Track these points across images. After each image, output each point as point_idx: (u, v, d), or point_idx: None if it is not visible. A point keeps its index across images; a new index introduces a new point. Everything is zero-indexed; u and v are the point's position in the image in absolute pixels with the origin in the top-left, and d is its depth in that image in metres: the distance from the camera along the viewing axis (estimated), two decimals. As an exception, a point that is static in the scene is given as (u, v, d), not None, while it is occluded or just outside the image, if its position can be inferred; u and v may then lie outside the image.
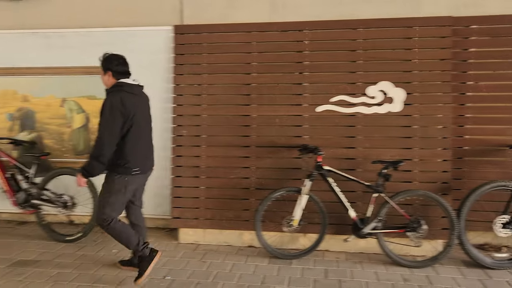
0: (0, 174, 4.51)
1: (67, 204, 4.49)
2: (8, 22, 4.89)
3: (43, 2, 4.82)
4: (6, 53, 4.86)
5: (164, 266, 3.89)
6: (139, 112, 3.41)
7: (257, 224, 4.06)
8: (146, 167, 3.54)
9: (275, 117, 4.38)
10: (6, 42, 4.86)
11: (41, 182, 4.53)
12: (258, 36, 4.43)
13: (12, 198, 4.51)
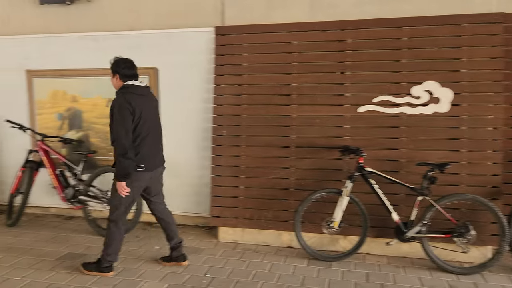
0: (51, 170, 4.71)
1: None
2: (60, 26, 5.12)
3: (91, 7, 5.01)
4: (57, 56, 5.08)
5: (204, 264, 3.94)
6: (144, 111, 3.54)
7: (296, 225, 4.04)
8: (152, 164, 3.63)
9: (315, 117, 4.34)
10: (58, 45, 5.08)
11: (88, 179, 4.71)
12: (299, 36, 4.41)
13: (61, 193, 4.71)
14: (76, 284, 3.53)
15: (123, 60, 3.64)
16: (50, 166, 4.73)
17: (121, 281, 3.60)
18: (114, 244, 3.67)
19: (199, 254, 4.17)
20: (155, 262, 3.97)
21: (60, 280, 3.61)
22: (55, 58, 5.10)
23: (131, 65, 3.65)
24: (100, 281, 3.59)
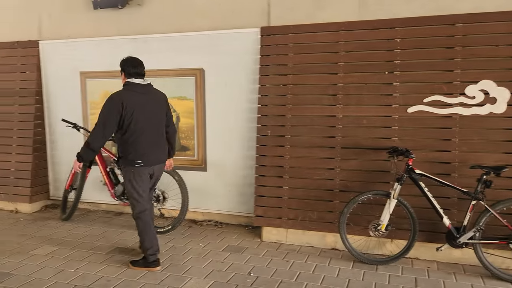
0: (102, 168, 4.90)
1: (159, 198, 4.75)
2: (111, 29, 5.32)
3: (141, 10, 5.18)
4: (109, 58, 5.28)
5: (248, 263, 3.97)
6: (139, 110, 3.65)
7: (342, 226, 3.98)
8: (148, 160, 3.73)
9: (362, 118, 4.26)
10: (109, 48, 5.29)
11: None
12: (346, 35, 4.35)
13: (111, 190, 4.89)
14: (125, 278, 3.66)
15: (130, 59, 3.82)
16: (101, 163, 4.92)
17: (168, 277, 3.68)
18: (147, 238, 3.80)
19: (243, 253, 4.20)
20: (200, 260, 4.04)
21: (110, 273, 3.75)
22: (106, 60, 5.31)
23: (136, 64, 3.79)
24: (148, 276, 3.69)
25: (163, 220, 5.05)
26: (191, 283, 3.57)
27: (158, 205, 4.76)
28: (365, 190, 4.07)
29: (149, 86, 3.83)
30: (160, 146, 3.85)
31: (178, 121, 5.11)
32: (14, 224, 5.11)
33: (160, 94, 3.94)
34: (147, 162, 3.72)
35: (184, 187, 4.62)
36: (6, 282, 3.59)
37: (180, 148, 5.13)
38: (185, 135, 5.10)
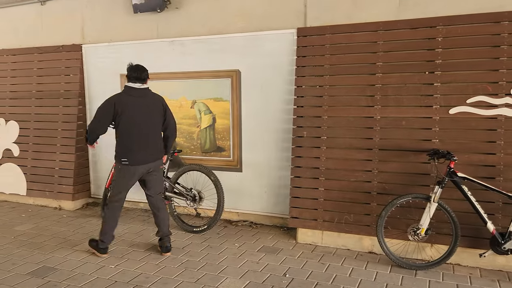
0: None
1: (195, 198, 4.82)
2: (151, 33, 5.46)
3: (180, 13, 5.28)
4: (148, 60, 5.40)
5: (284, 264, 3.96)
6: (131, 111, 3.97)
7: (379, 230, 3.90)
8: (134, 160, 3.99)
9: (401, 119, 4.16)
10: (148, 51, 5.43)
11: (174, 177, 4.95)
12: (384, 35, 4.27)
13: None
14: (163, 275, 3.73)
15: (133, 65, 4.14)
16: None
17: (204, 275, 3.73)
18: (106, 227, 4.12)
19: (278, 254, 4.19)
20: (235, 259, 4.07)
21: (149, 270, 3.84)
22: (146, 62, 5.39)
23: (135, 69, 4.08)
24: (185, 274, 3.76)
25: (199, 220, 5.12)
26: (226, 282, 3.60)
27: (194, 205, 4.83)
28: (404, 193, 3.98)
29: (145, 90, 4.12)
30: (149, 147, 4.06)
31: (214, 122, 5.18)
32: (58, 221, 5.32)
33: (156, 97, 4.19)
34: (132, 161, 3.98)
35: (220, 187, 4.67)
36: (51, 276, 3.74)
37: (215, 149, 5.19)
38: (220, 136, 5.16)
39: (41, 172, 5.91)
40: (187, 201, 4.86)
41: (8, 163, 6.16)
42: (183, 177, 5.00)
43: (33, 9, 6.21)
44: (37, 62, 6.11)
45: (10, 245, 4.49)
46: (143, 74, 4.11)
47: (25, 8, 6.25)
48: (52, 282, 3.62)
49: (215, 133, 5.18)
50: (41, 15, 6.17)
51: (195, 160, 5.25)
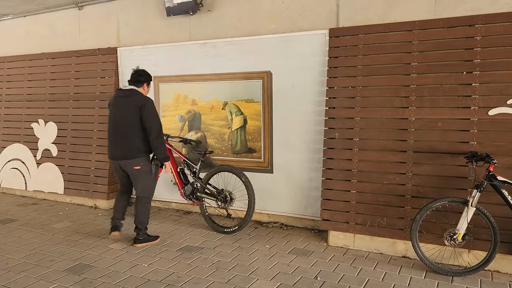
0: (173, 168, 5.11)
1: (226, 199, 4.85)
2: (183, 35, 5.55)
3: (212, 16, 5.34)
4: (181, 63, 5.51)
5: (315, 267, 3.92)
6: (114, 110, 4.40)
7: (413, 234, 3.80)
8: (112, 155, 4.44)
9: (437, 120, 4.05)
10: (181, 53, 5.52)
11: (205, 177, 5.00)
12: (420, 35, 4.17)
13: (181, 190, 5.09)
14: (195, 275, 3.77)
15: (135, 69, 4.54)
16: (172, 164, 5.14)
17: (235, 276, 3.75)
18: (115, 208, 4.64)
19: (309, 257, 4.16)
20: (266, 261, 4.07)
21: (180, 270, 3.89)
22: (178, 64, 5.54)
23: (134, 72, 4.50)
24: (216, 274, 3.78)
25: (229, 221, 5.15)
26: (257, 283, 3.60)
27: (225, 206, 4.87)
28: (439, 196, 3.88)
29: (130, 90, 4.38)
30: (120, 145, 4.35)
31: (245, 123, 5.20)
32: (93, 219, 5.48)
33: (134, 98, 4.33)
34: (110, 156, 4.47)
35: (251, 188, 4.68)
36: (87, 273, 3.85)
37: (246, 150, 5.21)
38: (251, 137, 5.17)
39: (78, 172, 6.11)
40: (218, 202, 4.90)
41: (47, 162, 6.40)
42: (214, 178, 5.04)
43: (71, 13, 6.43)
44: (75, 65, 6.32)
45: (48, 242, 4.65)
46: (138, 77, 4.42)
47: (64, 13, 6.49)
48: (88, 279, 3.72)
49: (246, 135, 5.20)
50: (78, 19, 6.38)
51: (226, 161, 5.28)
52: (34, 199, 6.55)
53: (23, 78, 6.81)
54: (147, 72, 4.53)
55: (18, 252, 4.35)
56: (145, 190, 4.45)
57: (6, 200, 6.49)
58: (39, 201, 6.40)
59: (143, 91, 4.42)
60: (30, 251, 4.38)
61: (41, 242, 4.63)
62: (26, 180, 6.59)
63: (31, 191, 6.61)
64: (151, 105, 4.31)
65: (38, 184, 6.48)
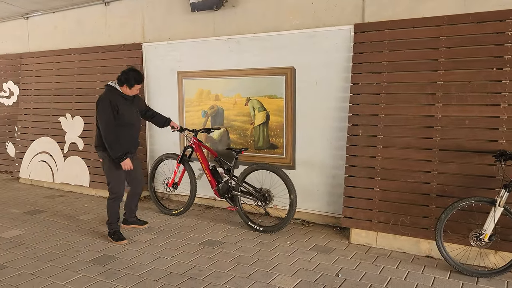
0: (204, 166, 5.00)
1: (266, 198, 4.70)
2: (207, 31, 5.57)
3: (236, 11, 5.34)
4: (204, 58, 5.54)
5: (336, 264, 3.90)
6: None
7: (438, 233, 3.73)
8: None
9: (464, 118, 3.96)
10: (205, 49, 5.54)
11: (241, 175, 4.80)
12: (448, 30, 4.07)
13: (214, 188, 5.00)
14: (216, 269, 3.80)
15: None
16: (203, 161, 5.05)
17: (256, 271, 3.76)
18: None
19: (330, 254, 4.14)
20: (287, 257, 4.06)
21: (202, 263, 3.93)
22: (202, 60, 5.57)
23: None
24: (237, 269, 3.81)
25: (266, 219, 5.12)
26: (278, 279, 3.61)
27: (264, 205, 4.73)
28: (466, 195, 3.79)
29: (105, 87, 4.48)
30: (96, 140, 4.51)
31: (268, 119, 5.19)
32: (117, 212, 5.59)
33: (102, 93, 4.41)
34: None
35: (292, 187, 4.53)
36: (111, 264, 3.94)
37: (269, 146, 5.21)
38: (274, 133, 5.17)
39: (103, 165, 6.23)
40: (257, 200, 4.76)
41: (73, 156, 6.56)
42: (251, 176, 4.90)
43: (98, 9, 6.55)
44: (101, 60, 6.44)
45: (74, 233, 4.77)
46: (119, 76, 4.39)
47: (91, 9, 6.62)
48: (112, 270, 3.80)
49: (268, 130, 5.20)
50: (105, 15, 6.50)
51: (248, 158, 5.28)
52: (61, 191, 6.72)
53: (52, 73, 6.99)
54: (130, 73, 4.31)
55: (46, 242, 4.48)
56: (109, 186, 4.49)
57: (35, 192, 6.69)
58: (66, 193, 6.57)
59: (124, 90, 4.36)
60: (57, 241, 4.51)
61: (67, 233, 4.76)
62: (54, 172, 6.77)
63: (58, 184, 6.79)
64: (101, 104, 4.26)
65: (64, 177, 6.65)
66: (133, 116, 4.48)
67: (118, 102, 4.31)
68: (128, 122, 4.40)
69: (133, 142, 4.59)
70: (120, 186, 4.47)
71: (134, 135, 4.58)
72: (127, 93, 4.38)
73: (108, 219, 4.54)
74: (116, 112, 4.28)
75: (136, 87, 4.37)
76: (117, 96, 4.35)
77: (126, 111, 4.37)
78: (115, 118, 4.28)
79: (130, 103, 4.46)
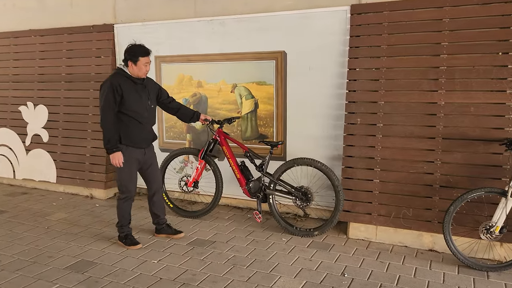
0: (232, 161, 4.45)
1: (308, 197, 4.26)
2: (187, 11, 5.11)
3: (218, -10, 4.92)
4: (185, 41, 5.08)
5: (339, 262, 3.65)
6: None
7: (446, 226, 3.55)
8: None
9: (469, 105, 3.78)
10: (186, 30, 5.08)
11: (277, 172, 4.33)
12: (451, 12, 3.86)
13: (244, 186, 4.42)
14: (211, 273, 3.46)
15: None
16: (231, 156, 4.46)
17: (255, 273, 3.45)
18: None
19: (330, 251, 3.88)
20: (286, 256, 3.77)
21: (195, 267, 3.57)
22: (183, 43, 5.12)
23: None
24: (234, 272, 3.48)
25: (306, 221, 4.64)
26: (281, 282, 3.31)
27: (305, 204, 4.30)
28: (471, 186, 3.63)
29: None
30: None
31: (256, 108, 4.84)
32: (91, 210, 5.09)
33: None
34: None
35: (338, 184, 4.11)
36: (91, 271, 3.50)
37: (257, 136, 4.87)
38: (263, 122, 4.83)
39: (72, 159, 5.68)
40: (297, 200, 4.29)
41: (37, 149, 5.95)
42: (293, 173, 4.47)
43: (62, -13, 5.91)
44: (67, 43, 5.83)
45: (44, 235, 4.27)
46: (123, 54, 3.82)
47: (54, -14, 5.97)
48: (93, 278, 3.37)
49: (257, 120, 4.85)
50: (70, -7, 5.88)
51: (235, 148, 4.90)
52: (24, 188, 6.11)
53: (9, 57, 6.28)
54: (133, 46, 3.78)
55: (12, 248, 3.97)
56: (118, 183, 3.93)
57: (-7, 189, 6.05)
58: (29, 190, 5.96)
59: (131, 71, 3.75)
60: (25, 246, 4.00)
61: (36, 236, 4.24)
62: (15, 167, 6.13)
63: (20, 180, 6.16)
64: (102, 87, 3.74)
65: (27, 172, 6.03)
66: (142, 104, 3.81)
67: (123, 85, 3.70)
68: (135, 110, 3.76)
69: (145, 136, 3.89)
70: (131, 184, 3.88)
71: (145, 127, 3.88)
72: (135, 73, 3.75)
73: (118, 221, 4.00)
74: (120, 97, 3.70)
75: (142, 61, 3.72)
76: (123, 78, 3.74)
77: (132, 96, 3.75)
78: (118, 103, 3.71)
79: (140, 88, 3.82)
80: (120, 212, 3.96)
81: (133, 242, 3.96)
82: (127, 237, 3.99)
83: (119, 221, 4.00)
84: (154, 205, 4.14)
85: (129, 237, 3.99)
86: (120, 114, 3.75)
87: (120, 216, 3.97)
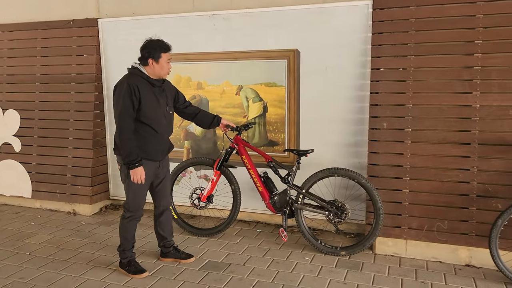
0: (253, 172, 3.95)
1: (343, 211, 3.79)
2: (185, 5, 4.58)
3: (219, -19, 4.43)
4: (181, 38, 4.55)
5: (377, 285, 3.27)
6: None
7: (493, 241, 3.25)
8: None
9: (508, 108, 3.51)
10: (183, 26, 4.56)
11: (305, 184, 3.86)
12: (486, 7, 3.58)
13: (268, 200, 3.94)
14: None
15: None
16: (251, 167, 3.95)
17: None
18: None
19: (362, 270, 3.50)
20: (316, 280, 3.35)
21: None
22: (179, 41, 4.57)
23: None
24: None
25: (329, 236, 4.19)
26: (321, 312, 2.89)
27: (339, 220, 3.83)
28: None
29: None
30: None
31: (265, 111, 4.40)
32: (77, 230, 4.45)
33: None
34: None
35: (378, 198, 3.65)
36: (93, 308, 2.93)
37: (267, 143, 4.43)
38: (273, 127, 4.39)
39: (50, 171, 5.01)
40: (330, 215, 3.81)
41: (7, 159, 5.22)
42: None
43: (35, -24, 5.21)
44: (42, 40, 5.14)
45: (28, 264, 3.63)
46: (140, 51, 3.31)
47: (25, -25, 5.25)
48: (99, 319, 2.82)
49: (266, 125, 4.40)
50: (44, -17, 5.18)
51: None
52: (-8, 204, 5.36)
53: (-29, 55, 5.50)
54: (151, 41, 3.30)
55: (-11, 282, 3.32)
56: (125, 200, 3.42)
57: (-45, 207, 5.25)
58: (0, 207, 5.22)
59: (150, 70, 3.25)
60: (6, 279, 3.36)
61: (17, 266, 3.60)
62: (-20, 181, 5.37)
63: (-14, 195, 5.40)
64: (118, 89, 3.21)
65: (-4, 186, 5.29)
66: (160, 110, 3.27)
67: (141, 88, 3.16)
68: (153, 118, 3.22)
69: (161, 147, 3.37)
70: (139, 202, 3.35)
71: (163, 137, 3.37)
72: (157, 72, 3.24)
73: (120, 245, 3.44)
74: (138, 102, 3.15)
75: (164, 58, 3.23)
76: (141, 80, 3.20)
77: (152, 102, 3.21)
78: (136, 109, 3.16)
79: (158, 91, 3.29)
80: (123, 233, 3.40)
81: (138, 269, 3.40)
82: (131, 263, 3.43)
83: (121, 244, 3.44)
84: (161, 225, 3.58)
85: (133, 264, 3.43)
86: (135, 122, 3.20)
87: (123, 238, 3.41)
